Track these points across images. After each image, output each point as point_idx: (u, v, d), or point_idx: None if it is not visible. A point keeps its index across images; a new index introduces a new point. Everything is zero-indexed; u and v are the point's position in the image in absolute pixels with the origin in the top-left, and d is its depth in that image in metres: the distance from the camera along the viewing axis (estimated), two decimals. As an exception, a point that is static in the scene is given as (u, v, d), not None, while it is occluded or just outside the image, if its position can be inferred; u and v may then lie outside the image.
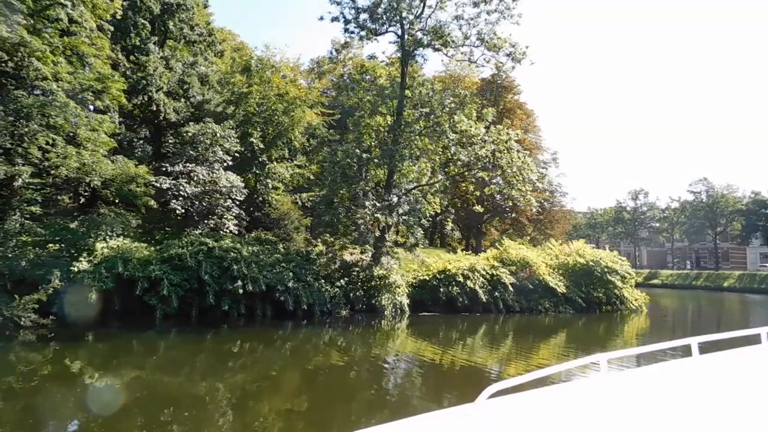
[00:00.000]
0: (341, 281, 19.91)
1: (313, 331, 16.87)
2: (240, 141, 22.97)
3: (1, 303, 13.37)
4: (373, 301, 19.85)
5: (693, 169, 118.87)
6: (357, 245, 21.95)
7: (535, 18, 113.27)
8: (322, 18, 22.11)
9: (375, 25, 21.35)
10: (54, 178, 17.20)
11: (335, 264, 20.71)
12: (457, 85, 36.24)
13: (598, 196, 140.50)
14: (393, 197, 21.12)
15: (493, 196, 29.10)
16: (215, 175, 20.68)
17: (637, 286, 28.61)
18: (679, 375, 3.79)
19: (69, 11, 16.63)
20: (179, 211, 19.81)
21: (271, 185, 25.35)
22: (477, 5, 21.12)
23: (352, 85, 24.12)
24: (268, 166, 25.33)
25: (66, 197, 22.49)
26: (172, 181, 19.85)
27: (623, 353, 4.09)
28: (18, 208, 16.44)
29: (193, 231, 18.97)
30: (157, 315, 15.98)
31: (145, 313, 15.99)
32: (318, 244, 22.32)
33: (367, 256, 21.72)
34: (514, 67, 21.74)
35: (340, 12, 21.73)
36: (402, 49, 21.75)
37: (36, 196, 16.82)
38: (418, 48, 21.70)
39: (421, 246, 26.98)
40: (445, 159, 22.97)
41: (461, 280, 21.36)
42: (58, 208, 20.78)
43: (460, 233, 44.23)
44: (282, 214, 24.55)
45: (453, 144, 21.14)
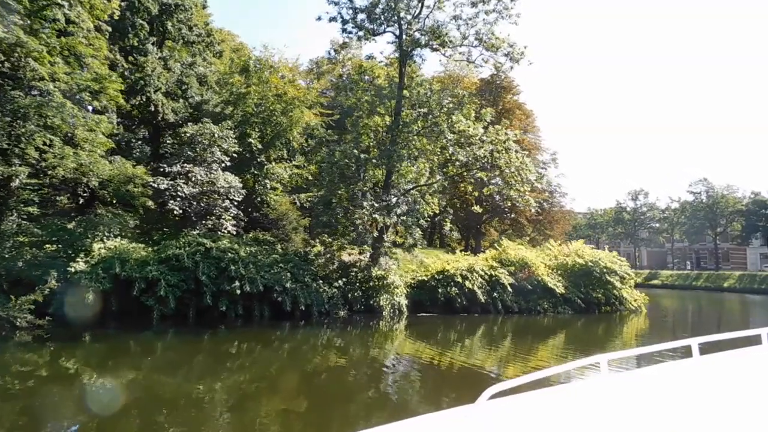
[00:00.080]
0: (339, 282, 19.85)
1: (310, 332, 16.82)
2: (238, 141, 22.93)
3: (-2, 304, 13.34)
4: (372, 301, 19.81)
5: (692, 169, 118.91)
6: (355, 246, 21.93)
7: (534, 18, 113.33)
8: (320, 18, 22.11)
9: (373, 26, 21.31)
10: (51, 178, 17.17)
11: (333, 264, 20.67)
12: (456, 85, 36.20)
13: (598, 196, 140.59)
14: (391, 198, 21.08)
15: (492, 196, 29.06)
16: (213, 175, 20.65)
17: (637, 286, 28.54)
18: (680, 376, 3.77)
19: (66, 11, 16.59)
20: (177, 212, 19.79)
21: (270, 186, 25.32)
22: (475, 5, 21.09)
23: (350, 85, 24.08)
24: (267, 167, 25.30)
25: (65, 198, 22.42)
26: (170, 181, 19.82)
27: (623, 354, 4.07)
28: (15, 208, 16.42)
29: (190, 231, 18.93)
30: (155, 315, 15.96)
31: (142, 314, 15.95)
32: (316, 244, 22.27)
33: (366, 256, 21.67)
34: (512, 67, 21.75)
35: (338, 12, 21.74)
36: (400, 49, 21.69)
37: (33, 197, 16.81)
38: (415, 48, 21.65)
39: (420, 246, 26.99)
40: (444, 159, 22.92)
41: (460, 280, 21.29)
42: (55, 208, 20.74)
43: (459, 234, 44.17)
44: (280, 215, 24.52)
45: (451, 144, 21.09)
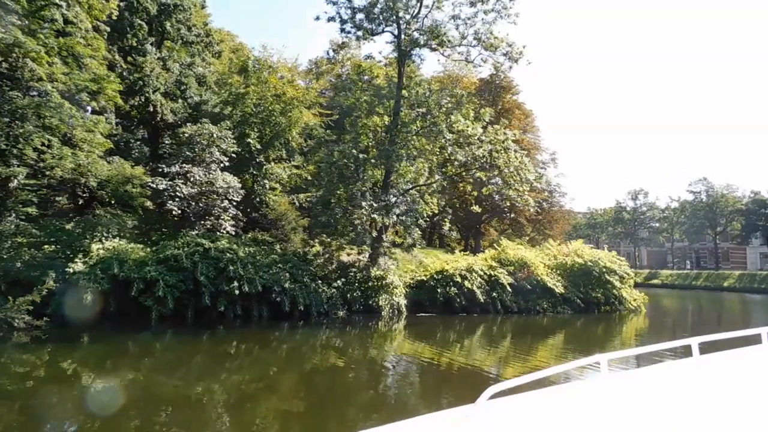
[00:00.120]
0: (338, 282, 19.83)
1: (309, 332, 16.80)
2: (237, 142, 22.90)
3: (-5, 304, 13.31)
4: (371, 301, 19.78)
5: (692, 168, 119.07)
6: (354, 246, 21.90)
7: (533, 18, 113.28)
8: (318, 18, 22.07)
9: (371, 25, 21.26)
10: (49, 179, 17.14)
11: (332, 265, 20.65)
12: (456, 85, 36.16)
13: (598, 196, 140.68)
14: (390, 198, 21.05)
15: (492, 196, 29.05)
16: (212, 175, 20.62)
17: (637, 286, 28.52)
18: (680, 375, 3.79)
19: (64, 11, 16.58)
20: (176, 212, 19.78)
21: (269, 186, 25.30)
22: (474, 5, 21.04)
23: (349, 85, 24.03)
24: (266, 167, 25.27)
25: (64, 198, 22.40)
26: (169, 182, 19.80)
27: (624, 354, 4.10)
28: (13, 209, 16.40)
29: (189, 232, 18.90)
30: (153, 316, 15.93)
31: (140, 315, 15.92)
32: (315, 244, 22.24)
33: (365, 256, 21.65)
34: (511, 66, 21.71)
35: (336, 12, 21.67)
36: (398, 49, 21.64)
37: (31, 197, 16.77)
38: (414, 48, 21.59)
39: (419, 246, 26.92)
40: (443, 159, 22.89)
41: (459, 280, 21.27)
42: (54, 209, 20.71)
43: (459, 234, 44.13)
44: (279, 215, 24.48)
45: (450, 144, 21.05)
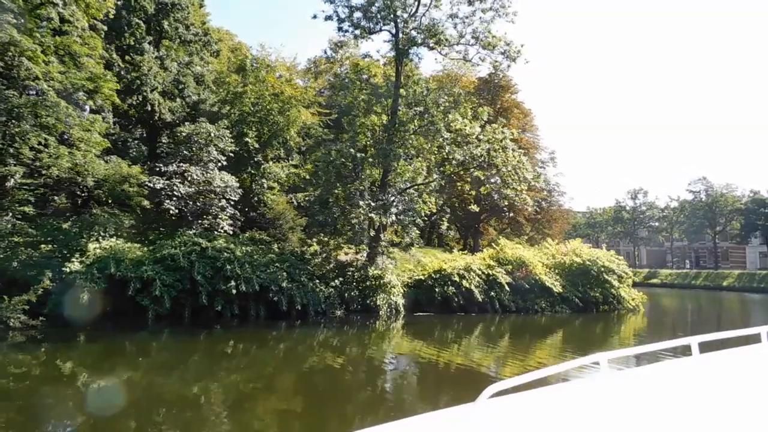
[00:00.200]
0: (336, 281, 19.79)
1: (307, 332, 16.77)
2: (235, 141, 22.84)
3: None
4: (368, 301, 19.74)
5: (691, 168, 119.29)
6: (352, 245, 21.86)
7: (531, 17, 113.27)
8: (315, 17, 22.01)
9: (369, 24, 21.20)
10: (46, 178, 17.09)
11: (330, 264, 20.62)
12: (455, 84, 36.13)
13: (597, 195, 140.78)
14: (388, 197, 21.01)
15: (491, 195, 29.01)
16: (209, 175, 20.57)
17: (636, 285, 28.51)
18: (680, 374, 3.78)
19: (60, 10, 16.55)
20: (173, 211, 19.72)
21: (267, 185, 25.25)
22: (472, 3, 21.00)
23: (347, 83, 23.97)
24: (264, 166, 25.22)
25: (63, 197, 22.35)
26: (166, 181, 19.75)
27: (623, 353, 4.08)
28: (10, 208, 16.32)
29: (186, 231, 18.86)
30: (150, 315, 15.86)
31: (137, 314, 15.86)
32: (313, 243, 22.21)
33: (362, 256, 21.61)
34: (509, 65, 21.69)
35: (334, 11, 21.59)
36: (396, 48, 21.57)
37: (28, 197, 16.71)
38: (412, 47, 21.54)
39: (417, 246, 26.92)
40: (441, 158, 22.85)
41: (457, 279, 21.24)
42: (51, 208, 20.67)
43: (458, 233, 44.11)
44: (277, 214, 24.43)
45: (448, 143, 21.01)
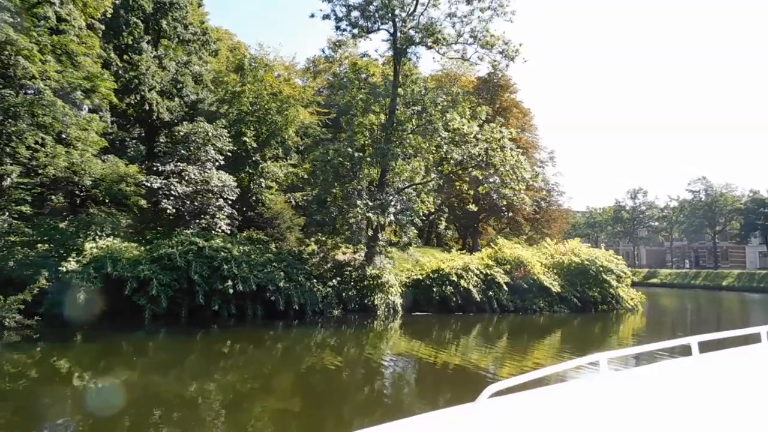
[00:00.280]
0: (333, 281, 19.75)
1: (304, 331, 16.72)
2: (234, 140, 22.81)
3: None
4: (366, 300, 19.71)
5: (690, 168, 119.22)
6: (350, 245, 21.82)
7: (531, 16, 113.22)
8: (313, 16, 22.13)
9: (367, 23, 21.14)
10: (42, 177, 17.04)
11: (327, 263, 20.58)
12: (454, 83, 36.07)
13: (597, 195, 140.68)
14: (386, 196, 20.97)
15: (489, 195, 28.95)
16: (207, 174, 20.52)
17: (636, 285, 28.47)
18: (680, 374, 3.77)
19: (57, 9, 16.50)
20: (170, 211, 19.68)
21: (265, 184, 25.21)
22: (470, 2, 20.95)
23: (345, 83, 23.91)
24: (262, 165, 25.18)
25: (60, 197, 22.30)
26: (163, 180, 19.71)
27: (623, 352, 4.08)
28: (6, 208, 16.28)
29: (183, 230, 18.82)
30: (146, 315, 15.83)
31: (134, 314, 15.82)
32: (310, 243, 22.17)
33: (360, 255, 21.58)
34: (507, 65, 21.66)
35: (332, 9, 21.52)
36: (394, 47, 21.52)
37: (25, 196, 16.67)
38: (410, 46, 21.49)
39: (416, 245, 26.87)
40: (439, 158, 22.81)
41: (455, 279, 21.21)
42: (48, 207, 20.62)
43: (457, 232, 44.06)
44: (275, 214, 24.40)
45: (446, 142, 20.97)
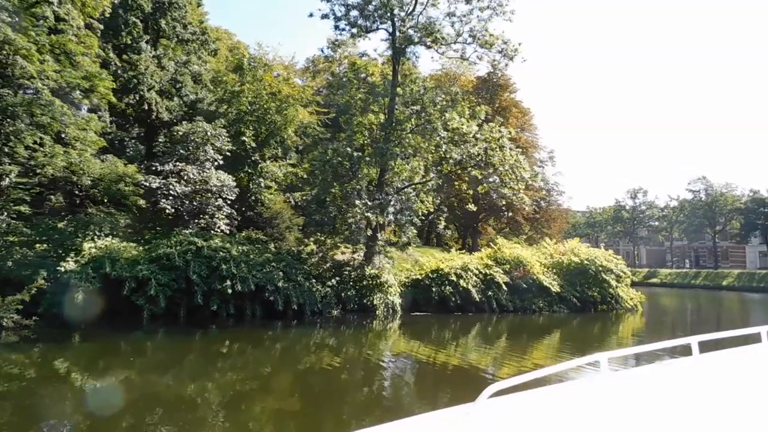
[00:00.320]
0: (332, 281, 19.72)
1: (303, 331, 16.69)
2: (233, 140, 22.78)
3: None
4: (365, 300, 19.67)
5: (690, 168, 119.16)
6: (349, 244, 21.79)
7: (531, 16, 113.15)
8: (312, 15, 22.01)
9: (366, 23, 21.09)
10: (41, 177, 17.02)
11: (326, 263, 20.56)
12: (453, 83, 36.02)
13: (597, 195, 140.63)
14: (386, 196, 20.94)
15: (489, 194, 28.91)
16: (206, 174, 20.51)
17: (636, 285, 28.42)
18: (680, 374, 3.76)
19: (55, 8, 16.47)
20: (169, 211, 19.66)
21: (264, 184, 25.19)
22: (469, 2, 20.90)
23: (344, 82, 23.87)
24: (261, 165, 25.15)
25: (59, 196, 22.25)
26: (162, 180, 19.69)
27: (623, 352, 4.08)
28: (4, 207, 16.26)
29: (182, 230, 18.79)
30: (145, 315, 15.83)
31: (132, 314, 15.81)
32: (309, 243, 22.14)
33: (359, 255, 21.55)
34: (507, 64, 21.63)
35: (330, 9, 21.47)
36: (393, 46, 21.49)
37: (23, 196, 16.65)
38: (409, 45, 21.45)
39: (415, 245, 26.84)
40: (438, 157, 22.79)
41: (454, 279, 21.17)
42: (47, 207, 20.58)
43: (457, 232, 44.03)
44: (274, 214, 24.38)
45: (445, 142, 20.94)
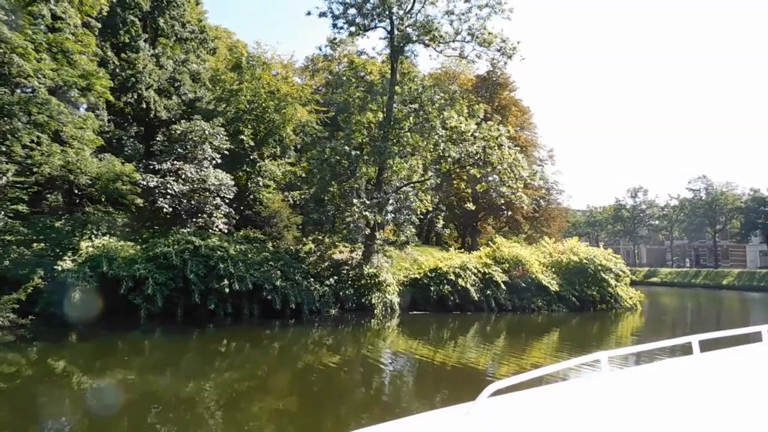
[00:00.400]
0: (331, 280, 19.70)
1: (301, 331, 16.67)
2: (231, 138, 22.73)
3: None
4: (363, 299, 19.64)
5: (691, 167, 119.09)
6: (347, 243, 21.75)
7: (530, 16, 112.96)
8: (310, 13, 21.87)
9: (364, 21, 21.03)
10: (38, 176, 16.96)
11: (325, 262, 20.52)
12: (453, 82, 35.94)
13: (597, 194, 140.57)
14: (384, 195, 20.89)
15: (488, 193, 28.87)
16: (204, 173, 20.46)
17: (636, 284, 28.37)
18: (680, 373, 3.73)
19: (53, 7, 16.39)
20: (167, 210, 19.62)
21: (262, 183, 25.13)
22: (468, 0, 20.88)
23: (342, 81, 23.82)
24: (260, 164, 25.09)
25: (57, 195, 22.22)
26: (160, 179, 19.64)
27: (624, 351, 4.06)
28: (1, 206, 16.21)
29: (180, 229, 18.75)
30: (142, 314, 15.78)
31: (129, 313, 15.78)
32: (308, 242, 22.10)
33: (358, 254, 21.51)
34: (506, 62, 21.59)
35: (328, 7, 21.42)
36: (391, 44, 21.42)
37: (20, 195, 16.60)
38: (407, 44, 21.39)
39: (414, 244, 26.79)
40: (437, 156, 22.73)
41: (453, 278, 21.13)
42: (44, 206, 20.56)
43: (456, 231, 43.98)
44: (273, 212, 24.34)
45: (443, 140, 20.88)
